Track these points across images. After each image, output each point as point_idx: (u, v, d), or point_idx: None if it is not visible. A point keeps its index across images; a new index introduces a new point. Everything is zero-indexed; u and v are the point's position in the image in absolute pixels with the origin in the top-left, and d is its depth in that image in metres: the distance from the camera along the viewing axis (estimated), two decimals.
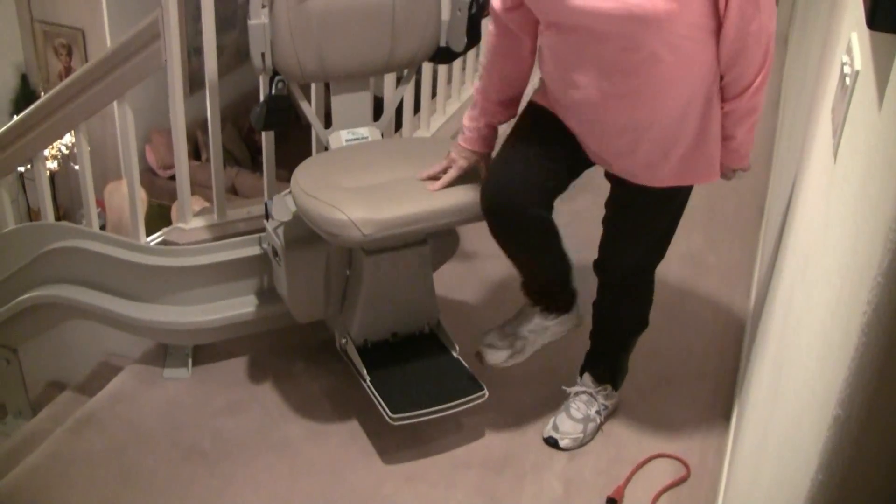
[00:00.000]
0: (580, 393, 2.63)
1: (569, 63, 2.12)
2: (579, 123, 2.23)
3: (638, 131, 2.14)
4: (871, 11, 1.00)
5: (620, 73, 2.05)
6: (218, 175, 2.89)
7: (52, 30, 7.21)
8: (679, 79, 2.05)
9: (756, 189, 3.99)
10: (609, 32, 1.98)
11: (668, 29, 1.95)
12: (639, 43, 1.97)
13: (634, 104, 2.10)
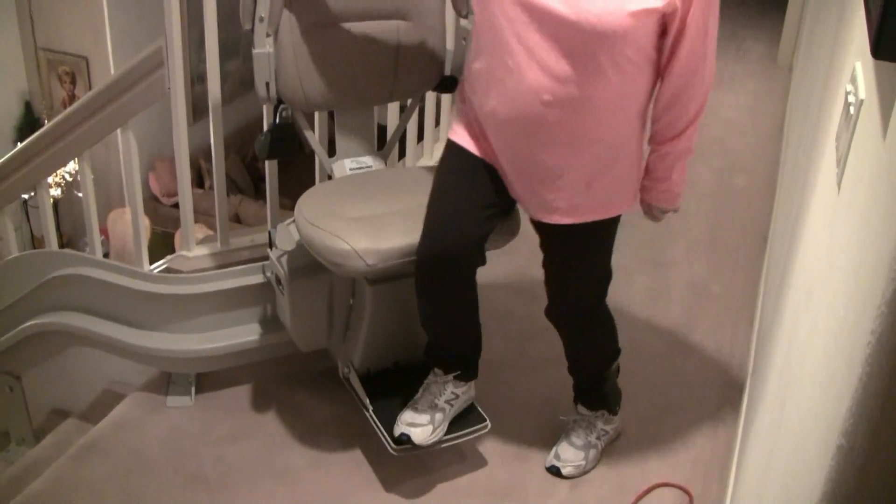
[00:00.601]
0: (578, 420, 2.63)
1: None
2: (508, 145, 2.17)
3: (573, 149, 2.12)
4: (876, 40, 1.00)
5: (565, 80, 2.02)
6: (221, 203, 2.89)
7: (56, 57, 7.25)
8: (619, 100, 2.08)
9: (759, 218, 3.99)
10: (562, 37, 1.98)
11: (619, 47, 1.98)
12: (589, 54, 1.98)
13: (573, 117, 2.07)
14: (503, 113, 2.12)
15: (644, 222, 3.89)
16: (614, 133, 2.14)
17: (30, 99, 7.46)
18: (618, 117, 2.11)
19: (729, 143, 4.92)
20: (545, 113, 2.06)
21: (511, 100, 2.09)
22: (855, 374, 0.91)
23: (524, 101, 2.07)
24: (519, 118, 2.10)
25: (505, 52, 2.06)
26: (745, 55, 6.56)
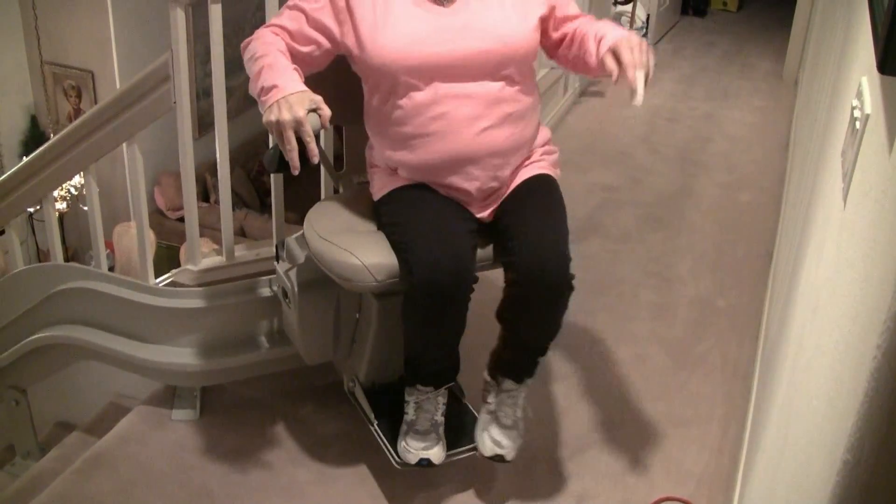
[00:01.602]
0: (503, 397, 2.46)
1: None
2: (458, 175, 2.25)
3: (516, 148, 2.30)
4: (883, 56, 1.01)
5: (494, 102, 2.21)
6: (226, 217, 2.90)
7: (62, 72, 7.27)
8: (532, 94, 2.34)
9: (765, 233, 3.99)
10: (480, 68, 2.18)
11: (528, 60, 2.27)
12: (505, 74, 2.22)
13: (510, 128, 2.26)
14: (446, 155, 2.22)
15: (650, 237, 3.91)
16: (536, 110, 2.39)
17: (35, 113, 7.48)
18: (535, 101, 2.36)
19: (735, 159, 4.92)
20: (486, 137, 2.22)
21: (453, 143, 2.20)
22: (861, 389, 0.90)
23: (466, 138, 2.20)
24: (464, 152, 2.22)
25: (432, 106, 2.17)
26: (751, 71, 6.58)
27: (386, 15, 2.14)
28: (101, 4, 6.79)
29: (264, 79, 2.07)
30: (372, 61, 2.15)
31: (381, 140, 2.29)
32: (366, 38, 2.14)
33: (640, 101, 2.14)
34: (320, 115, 2.02)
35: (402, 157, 2.25)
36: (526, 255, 2.24)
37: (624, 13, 6.19)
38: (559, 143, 4.83)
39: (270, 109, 2.01)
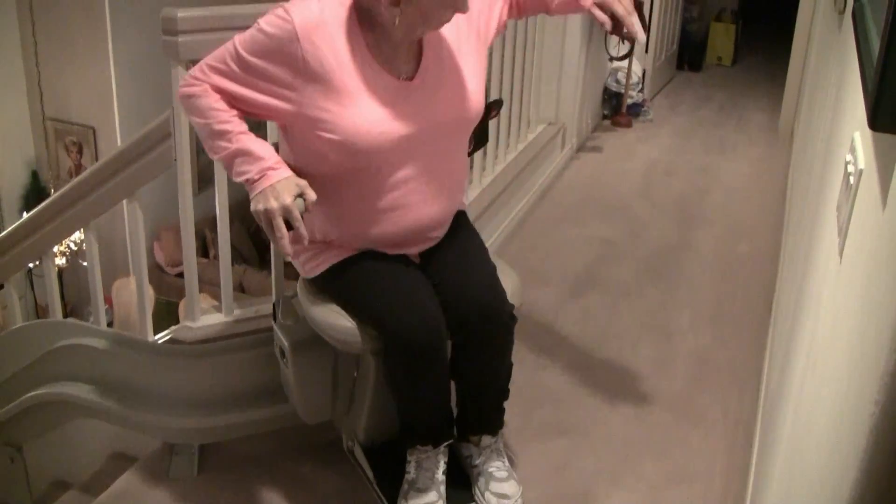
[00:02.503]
0: (487, 454, 2.47)
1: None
2: (409, 236, 2.27)
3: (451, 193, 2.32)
4: (873, 112, 1.02)
5: (449, 173, 2.29)
6: (226, 274, 2.90)
7: (64, 127, 7.31)
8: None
9: (763, 285, 3.99)
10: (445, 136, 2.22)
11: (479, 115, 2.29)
12: (462, 135, 2.30)
13: (452, 181, 2.32)
14: (415, 225, 2.24)
15: (649, 290, 3.92)
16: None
17: (37, 168, 7.52)
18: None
19: (732, 211, 4.94)
20: (449, 203, 2.29)
21: (422, 214, 2.24)
22: (860, 444, 0.90)
23: (435, 208, 2.25)
24: (433, 219, 2.27)
25: (407, 181, 2.18)
26: (747, 124, 6.62)
27: (359, 95, 2.06)
28: (103, 61, 6.85)
29: (244, 168, 2.04)
30: (347, 140, 2.06)
31: (332, 215, 2.22)
32: (342, 117, 2.04)
33: (643, 37, 2.25)
34: (305, 200, 2.02)
35: (360, 231, 2.22)
36: (462, 298, 2.26)
37: (620, 68, 6.25)
38: (557, 199, 4.87)
39: (257, 199, 2.01)
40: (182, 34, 2.54)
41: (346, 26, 2.05)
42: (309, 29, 2.01)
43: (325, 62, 2.02)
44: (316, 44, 2.01)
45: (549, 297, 3.79)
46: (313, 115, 2.05)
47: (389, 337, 2.15)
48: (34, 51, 6.95)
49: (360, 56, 2.06)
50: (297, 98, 2.04)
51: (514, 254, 4.19)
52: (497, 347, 2.36)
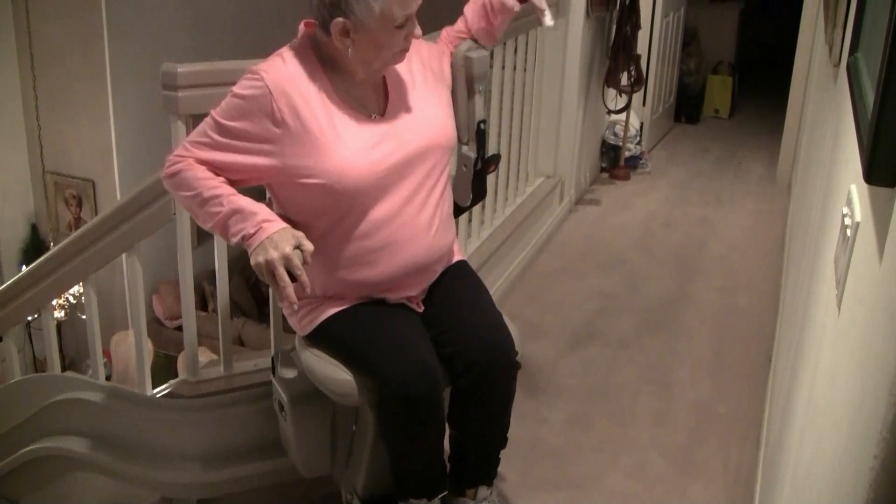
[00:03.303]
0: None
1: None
2: (408, 277, 2.27)
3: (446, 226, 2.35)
4: (868, 166, 1.02)
5: (438, 202, 2.30)
6: (225, 328, 2.90)
7: (63, 181, 7.34)
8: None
9: (763, 337, 3.99)
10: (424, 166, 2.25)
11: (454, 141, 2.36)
12: (442, 163, 2.32)
13: (444, 210, 2.35)
14: (410, 263, 2.25)
15: (649, 343, 3.91)
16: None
17: (36, 221, 7.53)
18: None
19: (731, 263, 4.94)
20: (438, 238, 2.30)
21: (415, 250, 2.24)
22: (860, 498, 0.90)
23: (425, 243, 2.26)
24: (424, 257, 2.27)
25: (394, 218, 2.20)
26: (745, 175, 6.64)
27: (337, 136, 2.11)
28: (103, 114, 6.89)
29: (241, 225, 2.05)
30: (330, 182, 2.09)
31: (329, 264, 2.23)
32: (325, 161, 2.09)
33: (550, 19, 2.45)
34: (303, 251, 2.03)
35: (359, 276, 2.23)
36: (469, 341, 2.26)
37: (618, 121, 6.28)
38: (556, 251, 4.87)
39: (256, 252, 2.02)
40: (182, 89, 2.56)
41: (313, 75, 2.14)
42: (279, 83, 2.09)
43: (299, 111, 2.09)
44: (288, 95, 2.09)
45: (548, 350, 3.78)
46: (294, 164, 2.10)
47: (385, 386, 2.14)
48: (35, 105, 6.99)
49: (329, 101, 2.14)
50: (278, 150, 2.10)
51: (512, 306, 4.18)
52: (504, 392, 2.36)
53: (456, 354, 2.25)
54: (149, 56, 6.77)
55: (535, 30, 4.56)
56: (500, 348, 2.28)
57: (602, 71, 5.80)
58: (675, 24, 7.35)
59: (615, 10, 5.75)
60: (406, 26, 2.11)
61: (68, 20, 6.80)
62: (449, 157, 2.34)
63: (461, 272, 2.43)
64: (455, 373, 2.26)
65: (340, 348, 2.26)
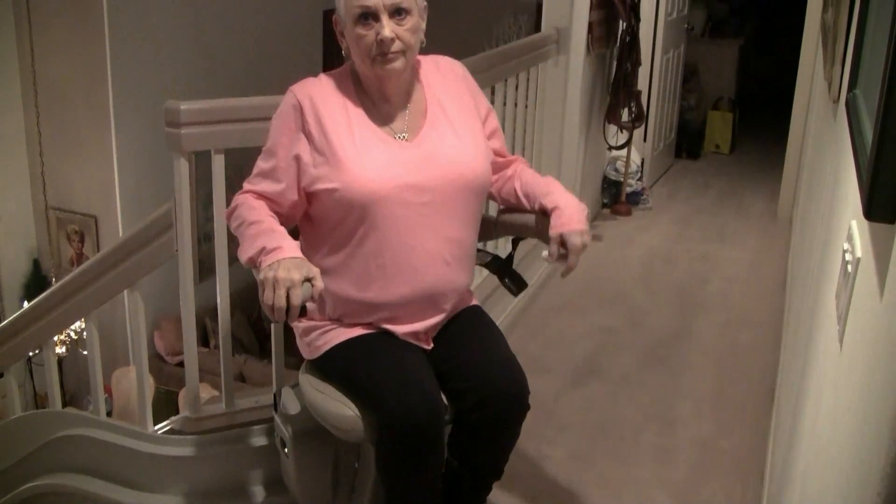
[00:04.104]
0: None
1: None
2: (415, 307, 2.27)
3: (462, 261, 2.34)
4: (868, 203, 1.03)
5: (458, 241, 2.31)
6: (227, 365, 2.89)
7: (66, 216, 7.35)
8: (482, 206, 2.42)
9: (765, 372, 3.98)
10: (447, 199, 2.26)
11: (485, 185, 2.36)
12: (467, 203, 2.32)
13: (463, 249, 2.34)
14: (418, 289, 2.26)
15: (651, 379, 3.90)
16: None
17: (38, 257, 7.53)
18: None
19: (733, 298, 4.94)
20: (451, 271, 2.29)
21: (425, 277, 2.25)
22: None
23: (437, 272, 2.26)
24: (434, 286, 2.27)
25: (407, 238, 2.21)
26: (746, 211, 6.65)
27: (356, 147, 2.19)
28: (106, 151, 6.92)
29: (265, 240, 2.11)
30: (348, 190, 2.16)
31: (339, 280, 2.26)
32: (341, 168, 2.17)
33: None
34: (313, 286, 2.04)
35: (367, 294, 2.24)
36: (485, 377, 2.24)
37: (619, 157, 6.30)
38: (558, 287, 4.87)
39: (270, 267, 2.04)
40: (185, 126, 2.58)
41: (343, 93, 2.26)
42: (308, 96, 2.23)
43: (323, 123, 2.20)
44: (315, 107, 2.21)
45: (550, 386, 3.77)
46: (315, 172, 2.19)
47: (388, 418, 2.13)
48: (38, 140, 7.02)
49: (354, 117, 2.23)
50: (309, 159, 2.20)
51: (515, 343, 4.16)
52: (512, 431, 2.34)
53: (469, 390, 2.23)
54: (152, 93, 6.80)
55: (537, 67, 4.59)
56: (515, 387, 2.26)
57: (603, 107, 5.82)
58: (676, 60, 7.39)
59: (616, 47, 5.79)
60: (372, 24, 2.15)
61: (72, 57, 6.84)
62: (479, 196, 2.35)
63: (477, 315, 2.44)
64: (465, 408, 2.25)
65: (345, 377, 2.26)
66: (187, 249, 2.73)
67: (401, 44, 2.17)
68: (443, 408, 2.20)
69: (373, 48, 2.16)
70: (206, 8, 7.41)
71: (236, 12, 7.70)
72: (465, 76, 2.45)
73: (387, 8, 2.14)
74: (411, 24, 2.19)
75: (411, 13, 2.19)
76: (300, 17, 8.49)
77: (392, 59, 2.18)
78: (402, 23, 2.17)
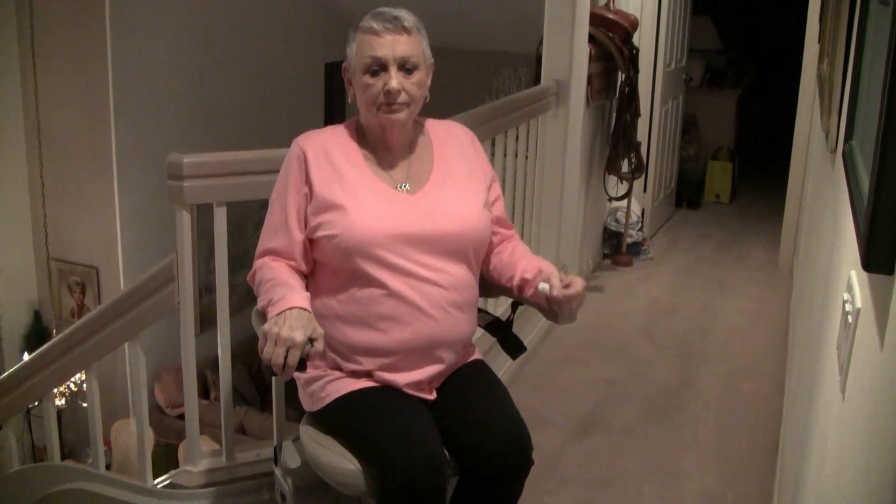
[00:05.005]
0: None
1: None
2: (415, 356, 2.27)
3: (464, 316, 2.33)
4: (866, 255, 1.03)
5: (457, 285, 2.30)
6: (228, 418, 2.88)
7: (67, 268, 7.36)
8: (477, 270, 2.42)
9: (769, 423, 3.96)
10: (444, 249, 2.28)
11: (484, 238, 2.38)
12: (464, 254, 2.32)
13: (463, 298, 2.33)
14: (420, 335, 2.25)
15: (654, 431, 3.88)
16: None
17: (39, 308, 7.53)
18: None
19: (734, 349, 4.93)
20: (453, 320, 2.29)
21: (425, 324, 2.25)
22: None
23: (438, 319, 2.26)
24: (435, 334, 2.27)
25: (406, 287, 2.22)
26: (746, 261, 6.66)
27: (356, 195, 2.24)
28: (108, 202, 6.94)
29: (273, 293, 2.16)
30: (348, 237, 2.19)
31: (341, 326, 2.27)
32: (341, 215, 2.21)
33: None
34: (313, 344, 2.06)
35: (366, 339, 2.24)
36: (488, 433, 2.22)
37: (619, 208, 6.32)
38: (560, 340, 4.86)
39: (275, 321, 2.06)
40: (187, 179, 2.59)
41: (345, 143, 2.33)
42: (310, 146, 2.30)
43: (324, 172, 2.26)
44: (317, 156, 2.28)
45: (553, 439, 3.75)
46: (316, 220, 2.25)
47: (391, 475, 2.10)
48: (42, 191, 7.05)
49: (354, 166, 2.29)
50: (312, 207, 2.25)
51: (516, 395, 4.13)
52: (516, 488, 2.32)
53: (472, 446, 2.22)
54: (155, 145, 6.84)
55: (537, 118, 4.62)
56: (519, 444, 2.25)
57: (603, 158, 5.85)
58: (675, 111, 7.44)
59: (615, 98, 5.83)
60: (380, 75, 2.22)
61: (76, 108, 6.90)
62: (478, 250, 2.37)
63: (480, 369, 2.43)
64: (469, 463, 2.23)
65: (347, 431, 2.25)
66: (189, 302, 2.73)
67: (406, 96, 2.24)
68: (445, 463, 2.19)
69: (379, 97, 2.23)
70: (208, 61, 7.47)
71: (239, 66, 7.77)
72: (474, 142, 2.51)
73: (396, 61, 2.21)
74: (418, 78, 2.26)
75: (419, 68, 2.26)
76: (302, 71, 8.55)
77: (396, 109, 2.24)
78: (410, 76, 2.24)
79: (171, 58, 7.16)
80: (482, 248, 2.39)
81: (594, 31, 5.21)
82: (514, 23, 7.72)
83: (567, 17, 4.77)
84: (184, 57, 7.27)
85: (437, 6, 7.58)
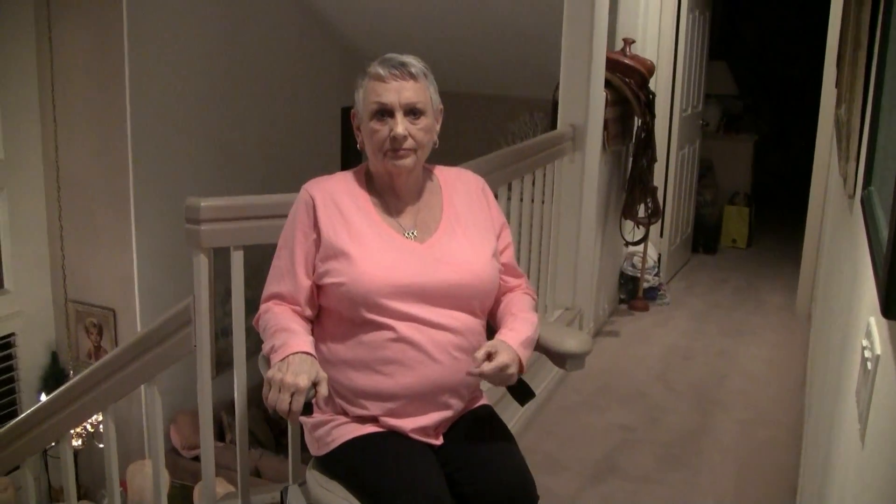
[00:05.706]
0: None
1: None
2: (433, 381, 2.25)
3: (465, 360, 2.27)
4: (886, 301, 1.03)
5: (464, 330, 2.28)
6: (243, 461, 2.87)
7: (85, 310, 7.39)
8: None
9: (786, 471, 3.93)
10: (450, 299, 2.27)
11: (490, 289, 2.37)
12: (468, 304, 2.31)
13: (469, 343, 2.29)
14: (426, 380, 2.24)
15: (670, 477, 3.85)
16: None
17: (56, 350, 7.56)
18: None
19: (752, 396, 4.90)
20: (459, 366, 2.25)
21: (432, 370, 2.23)
22: None
23: (444, 365, 2.24)
24: (441, 379, 2.25)
25: (413, 333, 2.21)
26: (764, 307, 6.63)
27: (364, 243, 2.24)
28: (126, 244, 6.99)
29: (276, 339, 2.18)
30: (355, 284, 2.19)
31: (347, 371, 2.26)
32: (349, 263, 2.21)
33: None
34: (316, 391, 2.07)
35: (371, 383, 2.23)
36: (493, 483, 2.21)
37: (636, 253, 6.32)
38: (576, 385, 4.84)
39: (279, 367, 2.08)
40: (205, 223, 2.61)
41: (354, 190, 2.33)
42: (319, 193, 2.30)
43: (332, 219, 2.26)
44: (325, 203, 2.28)
45: (569, 485, 3.73)
46: (323, 267, 2.25)
47: None
48: (60, 234, 7.10)
49: (362, 213, 2.29)
50: (320, 254, 2.25)
51: (531, 441, 4.14)
52: None
53: (476, 494, 2.20)
54: (172, 188, 6.90)
55: (553, 163, 4.63)
56: (524, 492, 2.23)
57: (619, 203, 5.86)
58: (691, 156, 7.45)
59: (631, 143, 5.85)
60: (387, 120, 2.23)
61: (95, 151, 6.96)
62: (486, 298, 2.37)
63: (487, 415, 2.41)
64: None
65: (352, 476, 2.24)
66: (205, 345, 2.73)
67: (413, 142, 2.24)
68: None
69: (385, 143, 2.23)
70: (226, 105, 7.54)
71: (256, 109, 7.83)
72: (485, 189, 2.51)
73: (402, 106, 2.22)
74: (424, 124, 2.26)
75: (426, 114, 2.26)
76: (319, 115, 8.62)
77: (403, 155, 2.24)
78: (416, 122, 2.24)
79: (190, 102, 7.23)
80: (489, 298, 2.38)
81: (610, 77, 5.24)
82: (530, 68, 7.76)
83: (583, 62, 4.80)
84: (202, 101, 7.34)
85: (454, 52, 7.65)
